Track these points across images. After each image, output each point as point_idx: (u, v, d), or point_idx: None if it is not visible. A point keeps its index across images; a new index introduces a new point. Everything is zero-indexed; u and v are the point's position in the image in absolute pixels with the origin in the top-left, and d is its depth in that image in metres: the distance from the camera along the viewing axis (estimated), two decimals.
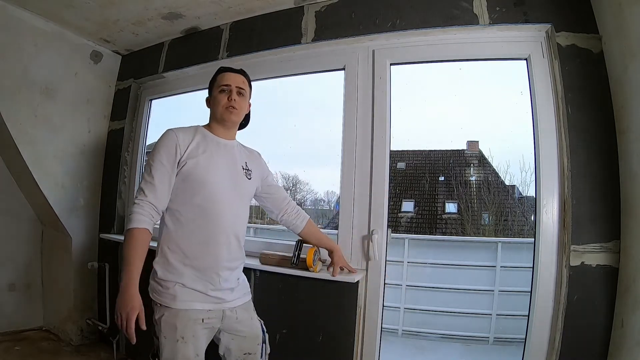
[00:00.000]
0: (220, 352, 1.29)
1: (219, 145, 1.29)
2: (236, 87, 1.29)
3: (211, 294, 1.20)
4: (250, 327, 1.32)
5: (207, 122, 1.36)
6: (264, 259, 1.68)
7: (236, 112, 1.29)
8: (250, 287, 1.46)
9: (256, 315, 1.39)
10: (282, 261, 1.63)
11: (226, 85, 1.28)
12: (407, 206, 7.11)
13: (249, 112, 1.41)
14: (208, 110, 1.37)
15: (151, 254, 1.18)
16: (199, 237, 1.19)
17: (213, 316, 1.21)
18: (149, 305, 1.20)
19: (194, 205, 1.19)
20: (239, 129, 1.41)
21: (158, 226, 1.24)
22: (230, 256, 1.24)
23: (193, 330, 1.16)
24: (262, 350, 1.36)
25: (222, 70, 1.34)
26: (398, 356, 3.09)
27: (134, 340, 1.07)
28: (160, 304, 1.18)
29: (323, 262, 1.42)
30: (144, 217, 1.14)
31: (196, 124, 1.33)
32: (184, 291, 1.17)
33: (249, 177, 1.33)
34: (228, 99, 1.27)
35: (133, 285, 1.09)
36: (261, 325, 1.39)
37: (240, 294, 1.31)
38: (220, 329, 1.26)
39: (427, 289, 3.66)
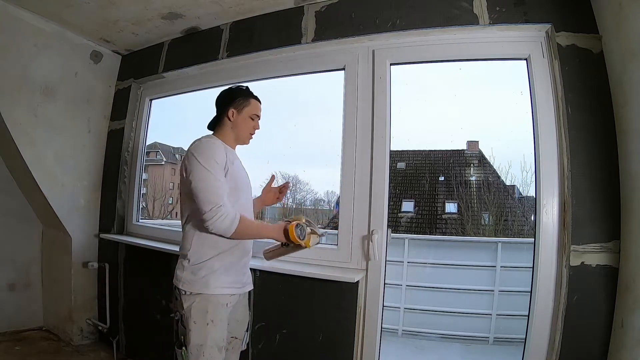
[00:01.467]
0: None
1: (237, 158, 1.44)
2: (259, 116, 1.45)
3: (237, 280, 1.35)
4: (244, 312, 1.46)
5: (215, 132, 1.44)
6: (268, 254, 1.61)
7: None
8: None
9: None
10: (281, 249, 1.53)
11: (257, 115, 1.43)
12: (407, 206, 7.11)
13: None
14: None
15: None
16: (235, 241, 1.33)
17: (234, 300, 1.35)
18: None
19: (235, 205, 1.29)
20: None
21: (186, 222, 1.34)
22: (251, 245, 1.46)
23: (221, 315, 1.28)
24: (244, 337, 1.47)
25: (254, 97, 1.45)
26: (398, 356, 3.09)
27: None
28: (190, 293, 1.28)
29: (320, 235, 1.34)
30: (230, 209, 1.25)
31: (203, 133, 1.41)
32: (217, 278, 1.29)
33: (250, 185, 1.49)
34: (254, 127, 1.43)
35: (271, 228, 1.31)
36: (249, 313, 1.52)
37: (249, 280, 1.44)
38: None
39: (427, 289, 3.65)
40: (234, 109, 1.39)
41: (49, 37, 2.23)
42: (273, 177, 1.67)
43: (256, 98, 1.45)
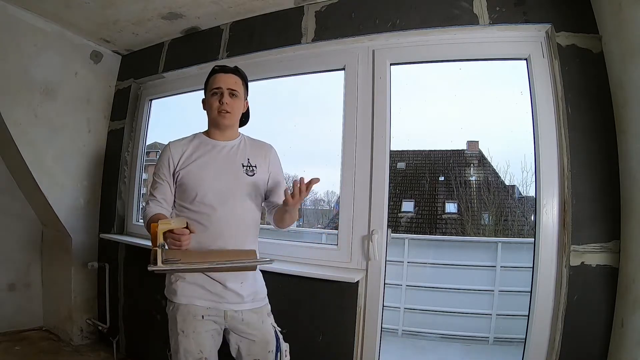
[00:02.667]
0: (232, 353, 1.29)
1: (215, 148, 1.30)
2: (228, 89, 1.27)
3: (211, 291, 1.22)
4: (260, 331, 1.28)
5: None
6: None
7: (229, 116, 1.28)
8: None
9: (271, 321, 1.33)
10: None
11: (217, 88, 1.27)
12: (407, 206, 7.11)
13: (247, 110, 1.40)
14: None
15: None
16: (198, 239, 1.20)
17: (214, 314, 1.22)
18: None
19: (192, 210, 1.24)
20: (240, 126, 1.40)
21: None
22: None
23: (193, 326, 1.20)
24: (276, 358, 1.30)
25: (214, 71, 1.31)
26: (398, 356, 3.08)
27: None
28: (168, 299, 1.26)
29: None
30: (152, 208, 1.24)
31: (196, 132, 1.36)
32: (185, 287, 1.22)
33: (251, 173, 1.30)
34: (219, 102, 1.26)
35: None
36: (275, 332, 1.32)
37: (248, 299, 1.26)
38: (227, 329, 1.27)
39: (427, 289, 3.65)
40: (204, 96, 1.34)
41: (49, 37, 2.23)
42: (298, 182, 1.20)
43: (219, 70, 1.30)
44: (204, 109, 1.35)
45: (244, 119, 1.40)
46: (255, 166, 1.32)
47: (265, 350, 1.27)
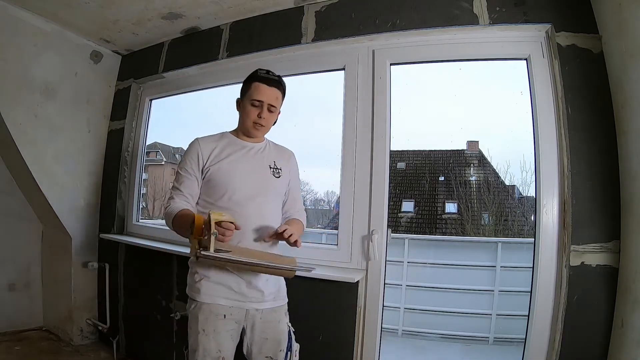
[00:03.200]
0: (244, 350, 1.30)
1: (245, 148, 1.32)
2: (268, 104, 1.27)
3: (235, 290, 1.23)
4: (274, 330, 1.29)
5: (235, 127, 1.37)
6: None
7: (263, 129, 1.31)
8: None
9: (286, 321, 1.34)
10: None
11: (259, 100, 1.26)
12: (407, 206, 7.11)
13: (277, 119, 1.40)
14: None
15: None
16: None
17: (235, 313, 1.23)
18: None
19: (218, 207, 1.22)
20: None
21: None
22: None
23: (214, 325, 1.20)
24: (286, 358, 1.31)
25: (259, 78, 1.27)
26: (398, 356, 3.09)
27: None
28: (190, 297, 1.26)
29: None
30: (178, 203, 1.23)
31: (222, 131, 1.36)
32: (209, 285, 1.22)
33: (277, 175, 1.33)
34: (258, 115, 1.27)
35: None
36: (289, 332, 1.33)
37: (270, 297, 1.28)
38: (244, 327, 1.27)
39: (427, 289, 3.65)
40: (240, 96, 1.33)
41: (49, 37, 2.23)
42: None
43: (264, 80, 1.26)
44: (237, 109, 1.35)
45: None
46: (280, 169, 1.35)
47: (277, 348, 1.28)
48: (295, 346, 1.34)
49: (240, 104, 1.33)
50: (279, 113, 1.37)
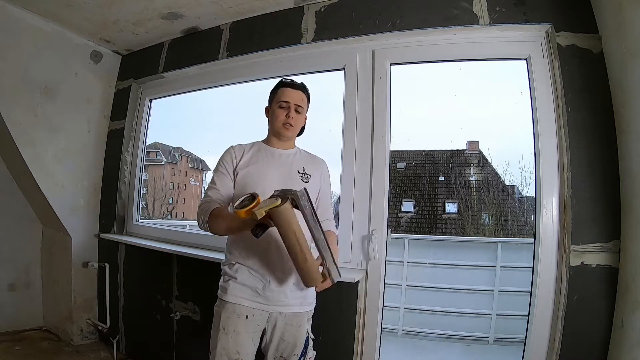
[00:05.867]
0: (261, 346, 1.31)
1: (274, 155, 1.36)
2: (295, 104, 1.33)
3: (260, 294, 1.25)
4: (294, 334, 1.30)
5: (266, 135, 1.42)
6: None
7: (292, 129, 1.35)
8: None
9: (308, 327, 1.34)
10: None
11: (286, 102, 1.33)
12: (407, 206, 7.10)
13: (305, 124, 1.45)
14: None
15: None
16: (253, 239, 1.18)
17: (258, 315, 1.25)
18: None
19: None
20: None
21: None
22: (282, 260, 1.24)
23: (235, 325, 1.22)
24: None
25: (283, 84, 1.37)
26: (398, 356, 3.08)
27: None
28: (218, 297, 1.29)
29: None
30: (212, 202, 1.25)
31: (256, 139, 1.42)
32: (235, 286, 1.26)
33: (306, 180, 1.36)
34: (286, 115, 1.33)
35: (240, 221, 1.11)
36: (307, 339, 1.33)
37: (296, 301, 1.29)
38: (265, 328, 1.29)
39: (427, 289, 3.65)
40: (269, 105, 1.40)
41: (49, 37, 2.23)
42: None
43: (289, 85, 1.37)
44: (267, 116, 1.41)
45: (300, 131, 1.45)
46: (310, 174, 1.37)
47: (291, 352, 1.29)
48: (311, 353, 1.35)
49: (269, 110, 1.40)
50: (306, 118, 1.43)
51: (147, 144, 2.62)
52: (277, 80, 1.42)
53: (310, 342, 1.34)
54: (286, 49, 1.96)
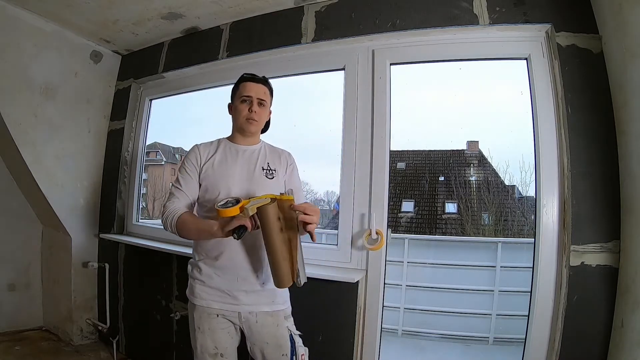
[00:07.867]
0: (250, 354, 1.31)
1: (238, 152, 1.35)
2: (257, 98, 1.32)
3: (227, 293, 1.25)
4: (273, 335, 1.28)
5: (231, 132, 1.41)
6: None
7: (256, 123, 1.34)
8: None
9: (288, 326, 1.32)
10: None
11: (247, 96, 1.32)
12: (407, 206, 7.11)
13: (269, 119, 1.44)
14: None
15: None
16: (218, 239, 1.21)
17: (228, 315, 1.27)
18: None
19: (211, 209, 1.23)
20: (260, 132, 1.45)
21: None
22: (248, 258, 1.25)
23: (208, 323, 1.25)
24: None
25: (245, 79, 1.36)
26: (398, 356, 3.08)
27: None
28: (187, 296, 1.31)
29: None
30: (177, 205, 1.25)
31: (220, 137, 1.41)
32: (203, 289, 1.27)
33: (270, 176, 1.34)
34: (249, 110, 1.31)
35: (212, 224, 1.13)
36: (291, 336, 1.31)
37: (266, 300, 1.28)
38: (243, 329, 1.29)
39: (427, 289, 3.65)
40: (231, 100, 1.38)
41: (49, 37, 2.23)
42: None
43: (250, 79, 1.35)
44: (230, 113, 1.39)
45: (265, 127, 1.44)
46: (275, 170, 1.36)
47: (278, 353, 1.28)
48: (302, 350, 1.32)
49: (231, 107, 1.38)
50: (271, 112, 1.41)
51: (147, 144, 2.61)
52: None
53: (298, 340, 1.32)
54: (286, 49, 1.95)
